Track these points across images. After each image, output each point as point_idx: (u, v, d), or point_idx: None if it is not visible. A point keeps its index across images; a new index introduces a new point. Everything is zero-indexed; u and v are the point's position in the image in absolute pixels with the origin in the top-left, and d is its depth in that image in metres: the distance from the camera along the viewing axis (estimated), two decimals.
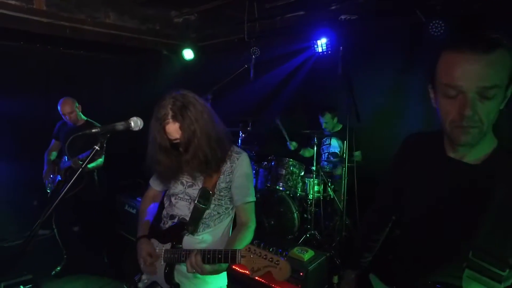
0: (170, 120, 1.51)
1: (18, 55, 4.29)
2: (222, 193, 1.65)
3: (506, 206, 0.95)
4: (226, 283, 1.77)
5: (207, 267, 1.42)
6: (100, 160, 3.52)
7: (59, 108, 3.49)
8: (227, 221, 1.72)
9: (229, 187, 1.65)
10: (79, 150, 3.23)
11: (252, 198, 1.67)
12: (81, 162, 3.23)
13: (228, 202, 1.69)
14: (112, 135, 1.50)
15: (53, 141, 3.74)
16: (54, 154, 3.72)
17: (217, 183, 1.63)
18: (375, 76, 3.61)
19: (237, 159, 1.65)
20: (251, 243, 1.34)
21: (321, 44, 3.90)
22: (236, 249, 1.34)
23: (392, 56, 3.52)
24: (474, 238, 0.98)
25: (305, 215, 3.74)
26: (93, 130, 1.49)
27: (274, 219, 3.49)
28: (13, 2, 3.65)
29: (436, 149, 1.14)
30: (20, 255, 1.38)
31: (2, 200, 4.15)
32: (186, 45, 4.94)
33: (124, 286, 1.77)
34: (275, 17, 4.37)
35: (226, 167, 1.63)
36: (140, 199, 1.78)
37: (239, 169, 1.64)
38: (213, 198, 1.63)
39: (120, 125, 1.51)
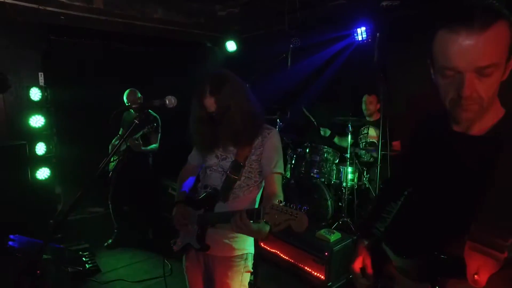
0: (208, 95, 1.71)
1: (79, 50, 4.92)
2: (252, 166, 1.82)
3: (510, 175, 0.96)
4: (253, 252, 1.94)
5: (254, 225, 1.52)
6: (155, 146, 4.00)
7: (124, 97, 3.92)
8: (255, 193, 1.88)
9: (259, 159, 1.81)
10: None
11: (280, 169, 1.81)
12: (137, 142, 3.77)
13: (258, 176, 1.85)
14: (148, 109, 1.80)
15: (121, 129, 4.22)
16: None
17: (249, 156, 1.80)
18: (413, 64, 3.57)
19: (268, 134, 1.82)
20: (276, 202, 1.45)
21: (361, 32, 3.95)
22: (260, 207, 1.49)
23: None
24: (478, 209, 0.99)
25: (340, 203, 3.83)
26: (133, 106, 1.80)
27: (308, 206, 3.61)
28: (77, 4, 4.22)
29: (442, 124, 1.17)
30: (65, 218, 1.71)
31: (68, 180, 4.80)
32: (229, 37, 5.25)
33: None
34: (316, 7, 4.49)
35: (258, 141, 1.81)
36: None
37: (269, 142, 1.80)
38: (244, 170, 1.80)
39: (156, 102, 1.81)
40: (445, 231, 1.13)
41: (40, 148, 4.35)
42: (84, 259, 3.67)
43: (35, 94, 4.27)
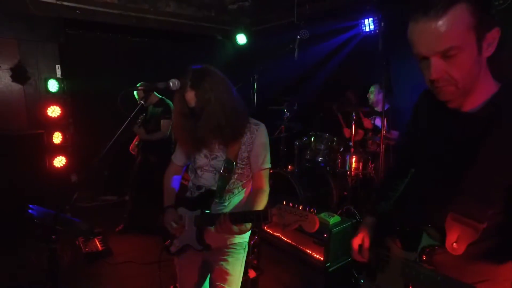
0: (188, 89, 1.75)
1: (94, 43, 5.21)
2: (244, 162, 1.86)
3: (498, 148, 1.03)
4: (247, 240, 2.02)
5: (235, 228, 1.62)
6: (162, 132, 4.15)
7: (135, 92, 4.08)
8: (248, 187, 1.95)
9: (250, 156, 1.86)
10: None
11: (268, 165, 1.89)
12: (139, 129, 3.96)
13: (249, 170, 1.90)
14: (153, 91, 1.95)
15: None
16: None
17: (239, 153, 1.83)
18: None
19: (257, 130, 1.86)
20: (280, 203, 1.49)
21: (369, 23, 4.06)
22: (267, 209, 1.53)
23: None
24: (464, 182, 1.06)
25: (344, 192, 3.95)
26: (139, 87, 1.98)
27: (312, 193, 3.76)
28: None
29: (439, 101, 1.19)
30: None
31: (83, 170, 5.09)
32: (240, 30, 5.44)
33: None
34: None
35: (247, 138, 1.84)
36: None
37: (258, 139, 1.85)
38: (236, 167, 1.84)
39: (160, 84, 1.95)
40: (439, 204, 1.20)
41: (57, 137, 4.64)
42: (97, 242, 3.94)
43: (53, 85, 4.57)
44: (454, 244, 1.07)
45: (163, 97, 4.21)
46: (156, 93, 4.26)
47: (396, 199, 1.62)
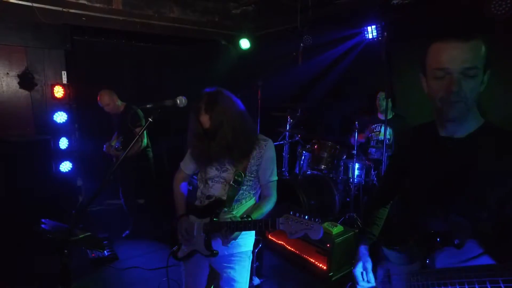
0: (203, 112, 1.92)
1: (99, 49, 5.27)
2: (253, 175, 2.02)
3: (486, 170, 1.22)
4: (252, 248, 2.15)
5: (236, 233, 1.81)
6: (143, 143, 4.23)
7: (98, 100, 4.21)
8: (256, 196, 2.13)
9: (258, 169, 2.03)
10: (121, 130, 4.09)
11: (275, 177, 2.08)
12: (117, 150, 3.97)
13: (257, 182, 2.08)
14: (162, 109, 2.02)
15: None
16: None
17: (248, 166, 1.99)
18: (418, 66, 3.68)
19: (265, 145, 2.03)
20: (288, 212, 1.65)
21: (371, 30, 4.10)
22: (276, 218, 1.69)
23: None
24: (461, 192, 1.26)
25: (347, 199, 4.02)
26: (148, 106, 2.04)
27: (315, 200, 3.83)
28: (97, 5, 4.57)
29: (430, 132, 1.40)
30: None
31: (88, 173, 5.18)
32: (243, 35, 5.49)
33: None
34: (327, 5, 4.66)
35: (256, 152, 2.00)
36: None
37: (267, 154, 2.02)
38: (245, 179, 1.99)
39: (168, 102, 2.02)
40: (433, 215, 1.35)
41: (63, 143, 4.72)
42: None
43: (59, 91, 4.64)
44: (456, 240, 1.22)
45: (128, 103, 4.24)
46: (120, 101, 4.29)
47: (385, 223, 1.73)
